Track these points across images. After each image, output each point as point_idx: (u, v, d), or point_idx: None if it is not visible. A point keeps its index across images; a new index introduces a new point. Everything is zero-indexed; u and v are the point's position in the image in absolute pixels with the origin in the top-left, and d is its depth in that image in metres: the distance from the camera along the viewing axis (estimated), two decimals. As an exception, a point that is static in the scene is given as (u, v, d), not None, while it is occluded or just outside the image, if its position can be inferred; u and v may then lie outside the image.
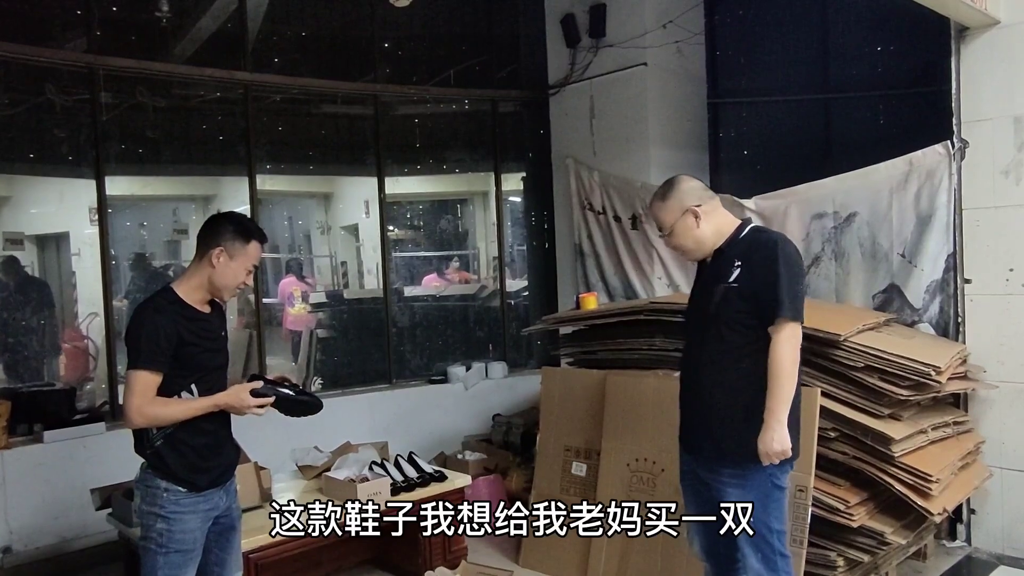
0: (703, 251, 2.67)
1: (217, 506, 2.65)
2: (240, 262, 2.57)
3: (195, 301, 2.58)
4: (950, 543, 4.25)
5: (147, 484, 2.57)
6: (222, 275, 2.56)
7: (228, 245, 2.55)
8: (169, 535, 2.53)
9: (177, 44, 5.52)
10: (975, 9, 3.78)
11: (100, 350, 6.07)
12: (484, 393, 6.14)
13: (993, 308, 4.11)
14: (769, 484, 2.57)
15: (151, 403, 2.46)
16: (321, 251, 11.17)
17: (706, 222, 2.61)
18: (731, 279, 2.55)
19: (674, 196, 2.64)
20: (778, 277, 2.47)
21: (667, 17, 5.55)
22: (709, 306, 2.59)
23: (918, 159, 4.29)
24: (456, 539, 4.13)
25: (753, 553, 2.58)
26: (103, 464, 4.58)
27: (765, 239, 2.60)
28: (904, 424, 3.48)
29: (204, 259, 2.57)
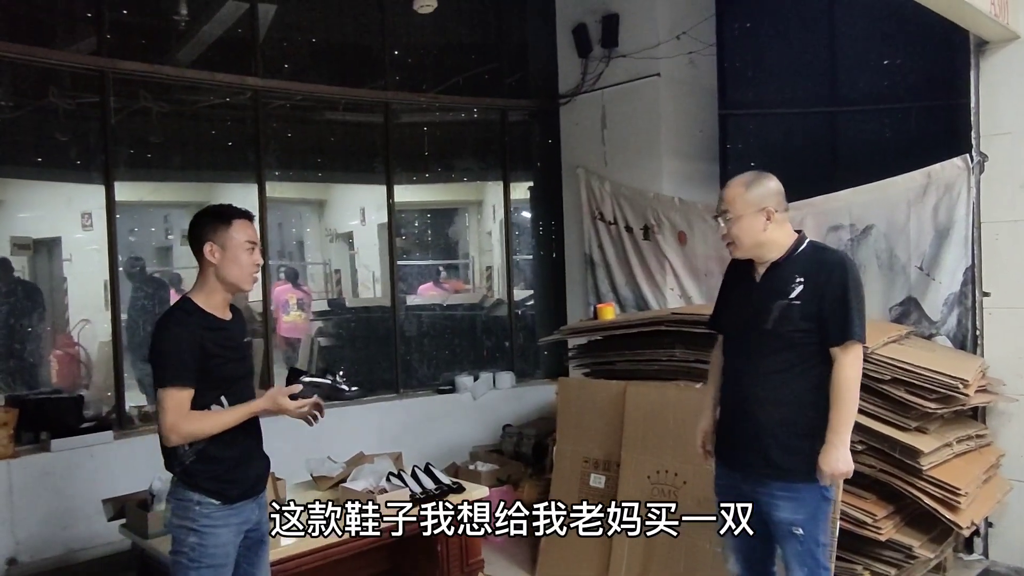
0: (754, 253, 2.59)
1: (248, 519, 2.60)
2: (233, 246, 2.48)
3: (215, 307, 2.52)
4: (968, 556, 4.24)
5: (178, 497, 2.51)
6: (226, 266, 2.48)
7: (213, 236, 2.48)
8: (202, 549, 2.47)
9: (188, 48, 5.47)
10: (997, 23, 3.80)
11: (91, 357, 6.00)
12: (492, 403, 6.10)
13: (1012, 321, 4.12)
14: (820, 498, 2.54)
15: (186, 419, 2.39)
16: (314, 258, 11.11)
17: (773, 228, 2.53)
18: (792, 296, 2.49)
19: (759, 189, 2.54)
20: (848, 299, 2.45)
21: (680, 28, 5.56)
22: (765, 321, 2.52)
23: (936, 172, 4.30)
24: (473, 550, 4.09)
25: (800, 567, 2.54)
26: (111, 473, 4.51)
27: (832, 259, 2.55)
28: (931, 437, 3.47)
29: (203, 261, 2.50)
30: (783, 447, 2.51)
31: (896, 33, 5.66)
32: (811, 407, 2.49)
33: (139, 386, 5.58)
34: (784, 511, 2.52)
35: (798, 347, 2.50)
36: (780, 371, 2.51)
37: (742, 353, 2.63)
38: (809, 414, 2.50)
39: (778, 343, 2.51)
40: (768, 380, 2.53)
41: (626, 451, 4.01)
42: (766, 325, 2.51)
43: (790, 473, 2.50)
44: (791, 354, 2.51)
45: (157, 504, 3.57)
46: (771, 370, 2.52)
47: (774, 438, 2.52)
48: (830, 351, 2.48)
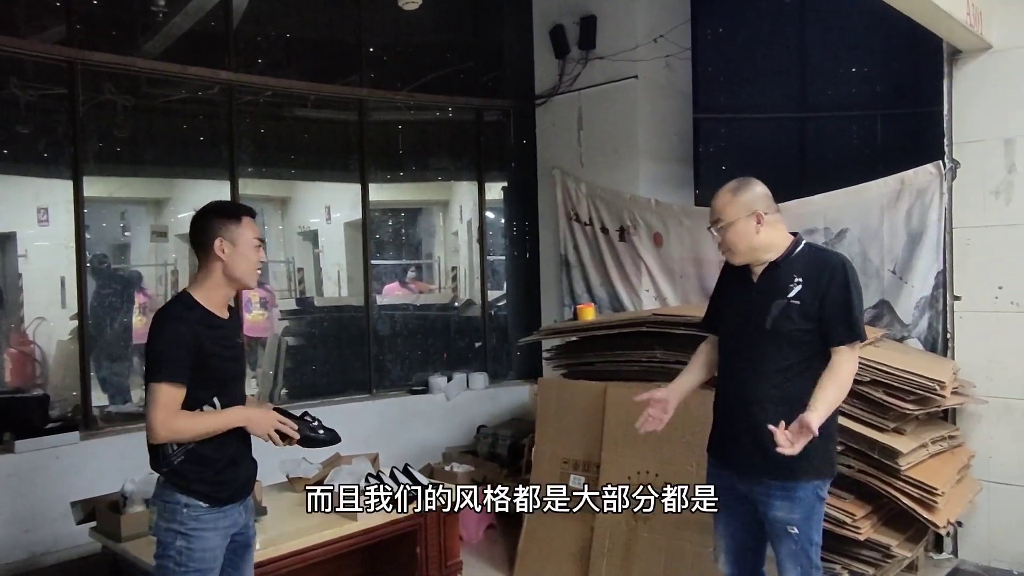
0: (751, 257, 2.60)
1: (236, 523, 2.54)
2: (243, 242, 2.47)
3: (215, 305, 2.48)
4: (937, 555, 4.32)
5: (165, 500, 2.45)
6: (235, 263, 2.47)
7: (224, 232, 2.45)
8: (189, 553, 2.41)
9: (158, 40, 5.35)
10: (972, 33, 3.88)
11: (47, 356, 5.83)
12: (465, 404, 6.06)
13: (982, 325, 4.22)
14: (815, 497, 2.56)
15: (176, 416, 2.34)
16: (276, 256, 10.95)
17: (765, 231, 2.56)
18: (791, 295, 2.52)
19: (747, 194, 2.57)
20: (851, 300, 2.49)
21: (657, 31, 5.59)
22: (764, 320, 2.55)
23: (909, 178, 4.38)
24: (451, 552, 4.04)
25: (793, 566, 2.57)
26: (77, 475, 4.39)
27: (831, 260, 2.58)
28: (908, 438, 3.53)
29: (209, 257, 2.47)
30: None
31: (865, 42, 5.79)
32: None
33: (104, 386, 5.44)
34: (780, 510, 2.54)
35: (797, 346, 2.52)
36: (779, 370, 2.53)
37: (741, 353, 2.64)
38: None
39: (777, 342, 2.53)
40: (767, 379, 2.54)
41: (606, 452, 4.01)
42: (765, 325, 2.53)
43: (789, 472, 2.52)
44: (790, 353, 2.53)
45: (130, 506, 3.48)
46: (770, 369, 2.54)
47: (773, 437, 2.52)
48: (832, 349, 2.51)
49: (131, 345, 5.93)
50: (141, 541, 3.38)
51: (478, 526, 4.77)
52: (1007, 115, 4.11)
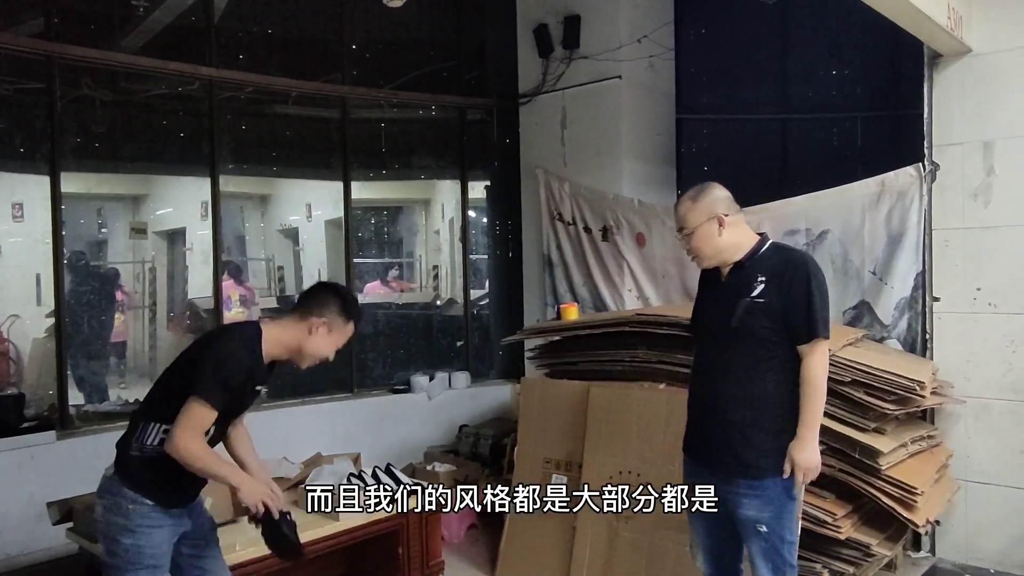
0: (718, 259, 2.66)
1: (183, 523, 2.57)
2: (336, 338, 2.56)
3: (271, 355, 2.53)
4: (916, 554, 4.37)
5: (112, 493, 2.47)
6: (316, 346, 2.53)
7: (332, 319, 2.52)
8: (138, 550, 2.43)
9: (137, 35, 5.28)
10: (952, 37, 3.92)
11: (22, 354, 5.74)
12: (447, 403, 6.04)
13: (960, 326, 4.26)
14: (785, 496, 2.58)
15: (199, 441, 2.37)
16: (256, 254, 10.87)
17: (728, 232, 2.60)
18: (755, 294, 2.56)
19: (705, 200, 2.62)
20: (812, 298, 2.51)
21: (641, 31, 5.60)
22: (731, 319, 2.59)
23: (890, 180, 4.42)
24: (433, 552, 4.04)
25: (765, 564, 2.59)
26: (53, 475, 4.32)
27: (795, 258, 2.63)
28: (888, 438, 3.56)
29: (302, 324, 2.52)
30: (751, 443, 2.56)
31: (845, 45, 5.82)
32: (778, 404, 2.56)
33: (81, 385, 5.36)
34: (749, 509, 2.58)
35: (763, 345, 2.56)
36: (747, 368, 2.57)
37: (711, 351, 2.70)
38: (776, 411, 2.57)
39: (744, 341, 2.58)
40: (736, 377, 2.59)
41: (588, 452, 4.01)
42: (732, 323, 2.58)
43: (757, 470, 2.56)
44: (757, 351, 2.57)
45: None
46: (738, 367, 2.58)
47: (742, 434, 2.57)
48: (798, 349, 2.55)
49: (109, 343, 5.86)
50: (119, 542, 3.34)
51: (460, 526, 4.76)
52: (986, 118, 4.15)
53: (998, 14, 4.12)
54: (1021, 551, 4.05)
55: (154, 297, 7.62)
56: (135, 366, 7.06)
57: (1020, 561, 4.07)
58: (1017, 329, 4.09)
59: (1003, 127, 4.11)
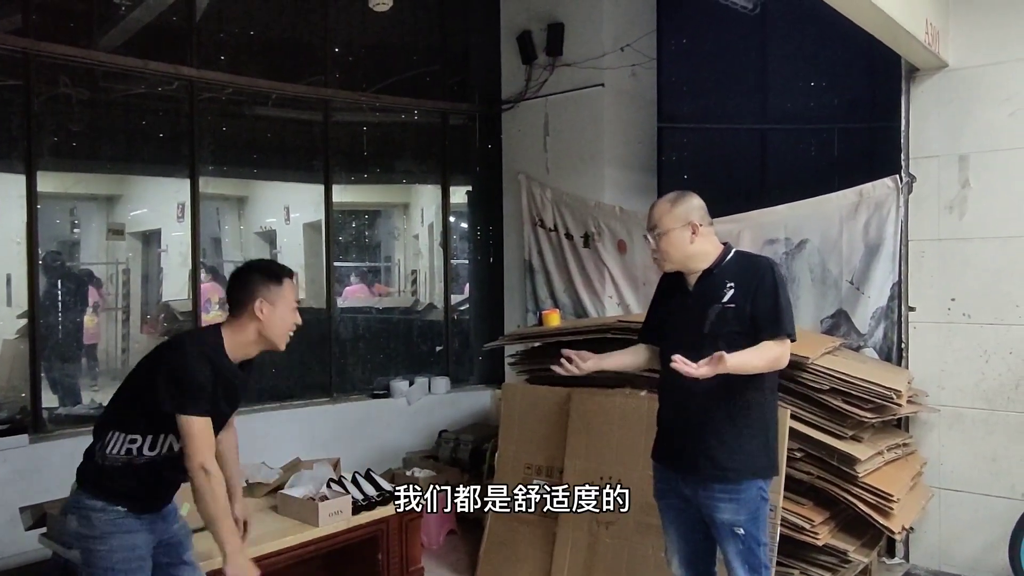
0: (684, 266, 2.72)
1: (157, 530, 2.55)
2: (283, 305, 2.51)
3: (238, 356, 2.52)
4: (889, 560, 4.42)
5: (81, 506, 2.46)
6: (272, 324, 2.50)
7: (265, 293, 2.48)
8: (113, 556, 2.41)
9: (116, 33, 5.22)
10: (929, 51, 3.99)
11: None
12: (427, 408, 6.03)
13: (935, 335, 4.33)
14: (759, 498, 2.65)
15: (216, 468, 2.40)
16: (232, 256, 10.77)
17: (699, 241, 2.68)
18: (725, 300, 2.62)
19: (683, 206, 2.69)
20: (779, 298, 2.59)
21: (624, 40, 5.64)
22: (702, 326, 2.64)
23: (868, 191, 4.49)
24: (412, 559, 4.01)
25: (742, 566, 2.64)
26: (25, 480, 4.26)
27: (759, 263, 2.71)
28: (865, 445, 3.61)
29: (246, 315, 2.49)
30: (726, 447, 2.60)
31: (823, 57, 5.91)
32: (751, 408, 2.62)
33: (54, 387, 5.28)
34: (726, 512, 2.62)
35: (735, 349, 2.57)
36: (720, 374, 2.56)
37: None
38: (750, 414, 2.62)
39: (715, 346, 2.57)
40: (709, 383, 2.58)
41: (569, 457, 4.02)
42: (703, 329, 2.63)
43: (733, 473, 2.61)
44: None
45: (83, 512, 3.38)
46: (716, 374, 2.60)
47: (717, 438, 2.61)
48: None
49: (83, 346, 5.77)
50: (94, 547, 3.29)
51: (439, 532, 4.75)
52: (961, 132, 4.23)
53: (974, 30, 4.21)
54: (993, 557, 4.12)
55: (127, 299, 7.52)
56: (107, 369, 6.96)
57: (992, 567, 4.13)
58: (990, 339, 4.17)
59: (978, 141, 4.19)
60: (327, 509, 3.55)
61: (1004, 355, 4.13)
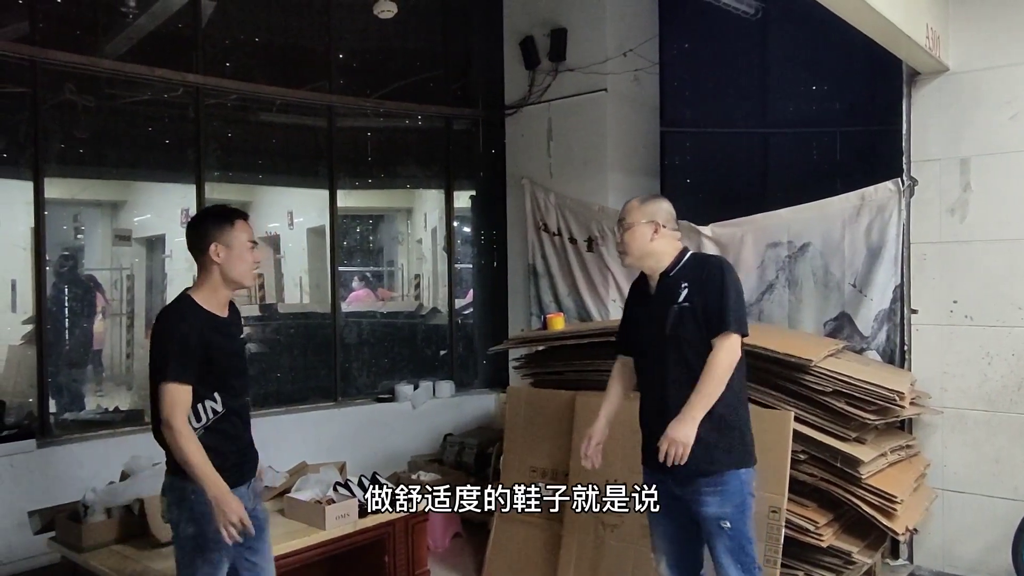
0: (643, 263, 2.85)
1: (245, 506, 2.61)
2: (237, 245, 2.60)
3: (215, 306, 2.62)
4: (893, 562, 4.44)
5: (174, 488, 2.59)
6: (231, 265, 2.59)
7: (218, 236, 2.58)
8: (202, 534, 2.54)
9: (123, 41, 5.26)
10: (930, 55, 4.02)
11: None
12: (431, 412, 6.05)
13: (937, 337, 4.35)
14: (745, 492, 2.71)
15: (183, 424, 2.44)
16: (236, 261, 10.80)
17: (659, 241, 2.80)
18: (681, 299, 2.73)
19: (651, 206, 2.86)
20: (725, 294, 2.67)
21: (627, 45, 5.67)
22: (664, 327, 2.74)
23: (870, 194, 4.51)
24: (419, 560, 4.05)
25: (732, 563, 2.68)
26: (33, 484, 4.29)
27: (710, 261, 2.87)
28: (869, 447, 3.62)
29: (206, 261, 2.60)
30: (702, 443, 2.64)
31: (825, 61, 5.94)
32: (721, 402, 2.66)
33: (61, 393, 5.30)
34: (712, 506, 2.68)
35: (696, 346, 2.70)
36: (686, 372, 2.69)
37: (651, 362, 2.83)
38: (722, 408, 2.67)
39: (678, 347, 2.72)
40: (678, 382, 2.71)
41: (574, 460, 4.02)
42: (666, 331, 2.72)
43: (714, 465, 2.68)
44: (691, 354, 2.70)
45: (91, 516, 3.42)
46: (678, 374, 2.71)
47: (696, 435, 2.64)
48: (712, 342, 2.67)
49: (89, 351, 5.79)
50: (103, 551, 3.33)
51: (445, 534, 4.77)
52: (962, 136, 4.26)
53: (974, 34, 4.24)
54: (996, 559, 4.13)
55: (132, 304, 7.55)
56: (112, 374, 6.99)
57: (995, 569, 4.15)
58: (992, 341, 4.19)
59: (979, 144, 4.22)
60: (334, 512, 3.59)
61: (1006, 357, 4.15)
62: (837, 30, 3.81)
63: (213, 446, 2.53)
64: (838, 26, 3.61)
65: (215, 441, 2.55)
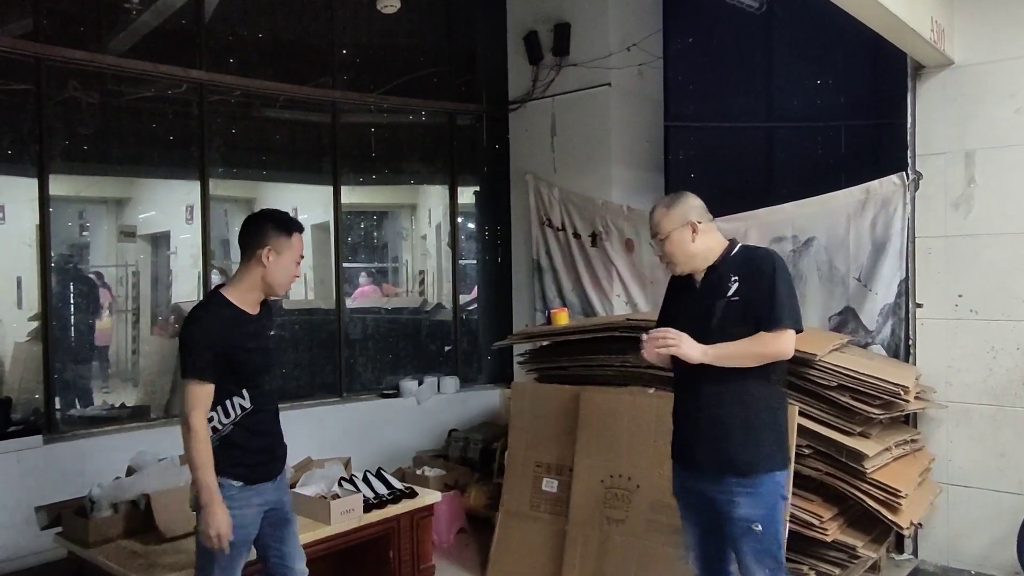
0: (689, 266, 2.72)
1: (268, 500, 2.73)
2: (288, 256, 2.67)
3: (247, 303, 2.67)
4: (899, 556, 4.43)
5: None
6: (275, 272, 2.65)
7: (274, 242, 2.64)
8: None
9: (126, 38, 5.27)
10: (935, 49, 4.00)
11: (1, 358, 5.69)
12: (436, 408, 6.07)
13: (942, 332, 4.34)
14: (777, 494, 2.63)
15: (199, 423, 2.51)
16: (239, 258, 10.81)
17: (700, 239, 2.68)
18: (730, 293, 2.62)
19: (679, 207, 2.72)
20: (776, 289, 2.56)
21: (630, 40, 5.67)
22: (710, 321, 2.63)
23: (874, 188, 4.50)
24: (424, 557, 4.06)
25: (758, 566, 2.61)
26: (40, 480, 4.31)
27: (760, 254, 2.71)
28: (873, 442, 3.62)
29: (252, 260, 2.65)
30: (741, 443, 2.59)
31: (829, 56, 5.92)
32: (763, 400, 2.61)
33: (67, 389, 5.32)
34: (743, 507, 2.60)
35: None
36: (730, 369, 2.59)
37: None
38: (762, 407, 2.61)
39: (722, 340, 2.60)
40: (719, 378, 2.61)
41: (579, 455, 4.04)
42: (711, 325, 2.62)
43: (749, 467, 2.60)
44: None
45: (98, 511, 3.43)
46: (722, 369, 2.59)
47: (729, 435, 2.60)
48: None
49: (95, 348, 5.82)
50: (109, 547, 3.34)
51: (450, 530, 4.77)
52: (967, 129, 4.24)
53: (979, 27, 4.21)
54: (1001, 553, 4.13)
55: (138, 301, 7.57)
56: (118, 371, 7.01)
57: (1000, 563, 4.14)
58: (997, 335, 4.18)
59: (984, 137, 4.20)
60: (339, 507, 3.59)
61: (1011, 351, 4.14)
62: (842, 24, 3.80)
63: (240, 442, 2.61)
64: (843, 20, 3.59)
65: (242, 437, 2.62)
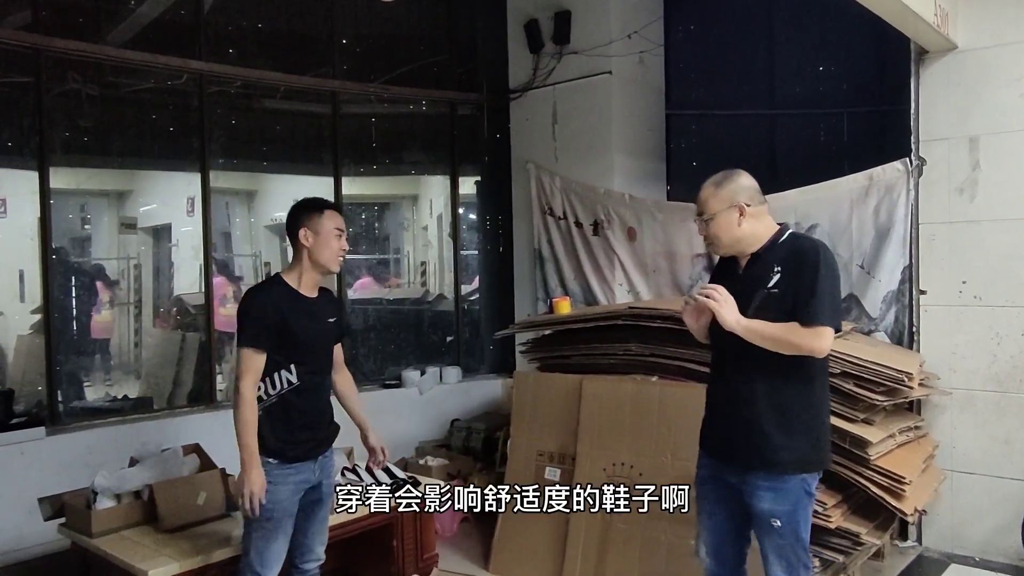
0: (735, 249, 2.60)
1: (308, 479, 2.87)
2: (325, 232, 2.82)
3: (304, 286, 2.85)
4: (903, 543, 4.43)
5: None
6: (318, 249, 2.82)
7: (308, 222, 2.82)
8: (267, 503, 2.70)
9: (125, 29, 5.25)
10: (938, 33, 3.97)
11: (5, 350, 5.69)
12: (439, 398, 6.06)
13: (946, 318, 4.33)
14: (802, 491, 2.54)
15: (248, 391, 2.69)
16: (243, 250, 10.82)
17: (748, 222, 2.54)
18: (771, 284, 2.49)
19: (728, 187, 2.57)
20: (816, 285, 2.42)
21: (631, 27, 5.63)
22: (747, 311, 2.51)
23: (878, 174, 4.48)
24: (427, 545, 4.06)
25: (778, 561, 2.56)
26: (42, 472, 4.31)
27: (805, 245, 2.54)
28: (877, 428, 3.61)
29: (297, 245, 2.84)
30: (771, 438, 2.50)
31: (832, 41, 5.88)
32: (796, 397, 2.51)
33: (69, 381, 5.33)
34: (765, 501, 2.53)
35: None
36: (765, 362, 2.48)
37: (728, 346, 2.57)
38: (795, 405, 2.51)
39: None
40: (753, 370, 2.52)
41: (582, 444, 4.04)
42: (747, 313, 2.50)
43: (778, 467, 2.51)
44: None
45: (101, 501, 3.43)
46: (757, 361, 2.49)
47: (761, 429, 2.51)
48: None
49: (96, 340, 5.82)
50: (113, 537, 3.34)
51: (452, 519, 4.78)
52: (971, 114, 4.22)
53: (983, 11, 4.18)
54: (1005, 540, 4.12)
55: (139, 294, 7.57)
56: (120, 363, 7.02)
57: (1004, 549, 4.14)
58: (1001, 321, 4.16)
59: (988, 123, 4.18)
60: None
61: (1016, 337, 4.13)
62: (844, 9, 3.78)
63: (281, 416, 2.76)
64: (845, 5, 3.57)
65: (283, 412, 2.77)
